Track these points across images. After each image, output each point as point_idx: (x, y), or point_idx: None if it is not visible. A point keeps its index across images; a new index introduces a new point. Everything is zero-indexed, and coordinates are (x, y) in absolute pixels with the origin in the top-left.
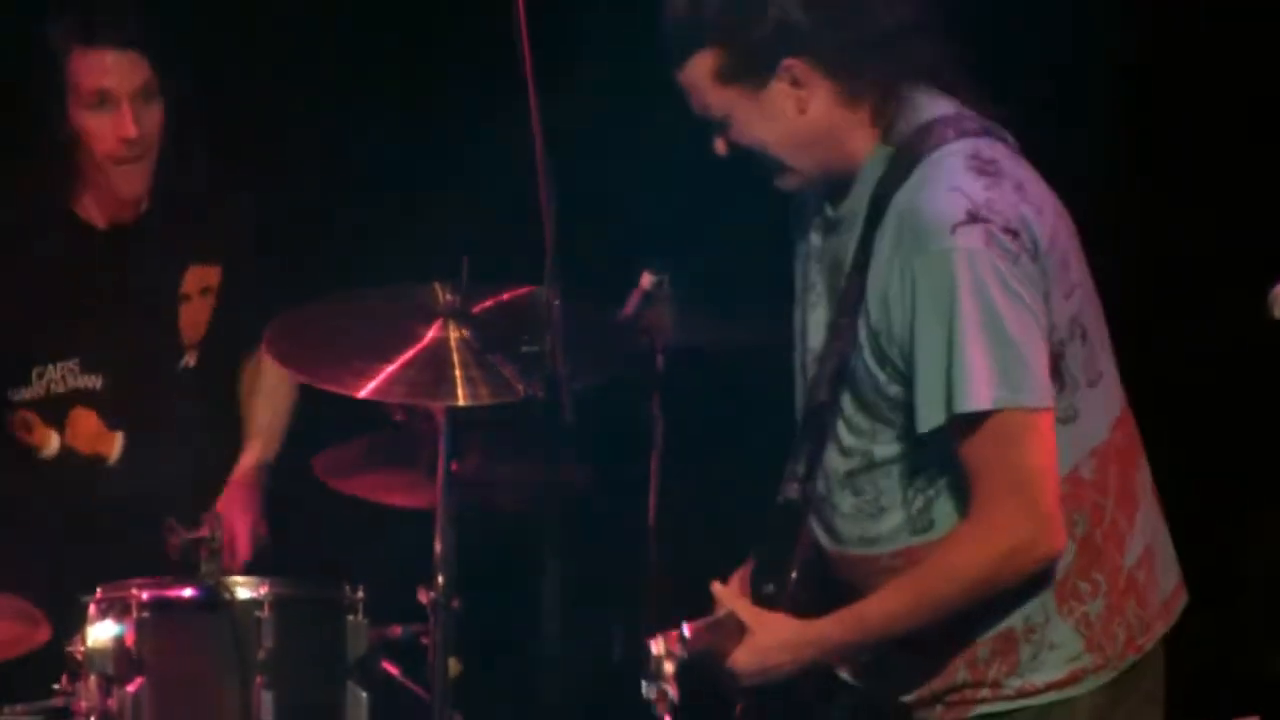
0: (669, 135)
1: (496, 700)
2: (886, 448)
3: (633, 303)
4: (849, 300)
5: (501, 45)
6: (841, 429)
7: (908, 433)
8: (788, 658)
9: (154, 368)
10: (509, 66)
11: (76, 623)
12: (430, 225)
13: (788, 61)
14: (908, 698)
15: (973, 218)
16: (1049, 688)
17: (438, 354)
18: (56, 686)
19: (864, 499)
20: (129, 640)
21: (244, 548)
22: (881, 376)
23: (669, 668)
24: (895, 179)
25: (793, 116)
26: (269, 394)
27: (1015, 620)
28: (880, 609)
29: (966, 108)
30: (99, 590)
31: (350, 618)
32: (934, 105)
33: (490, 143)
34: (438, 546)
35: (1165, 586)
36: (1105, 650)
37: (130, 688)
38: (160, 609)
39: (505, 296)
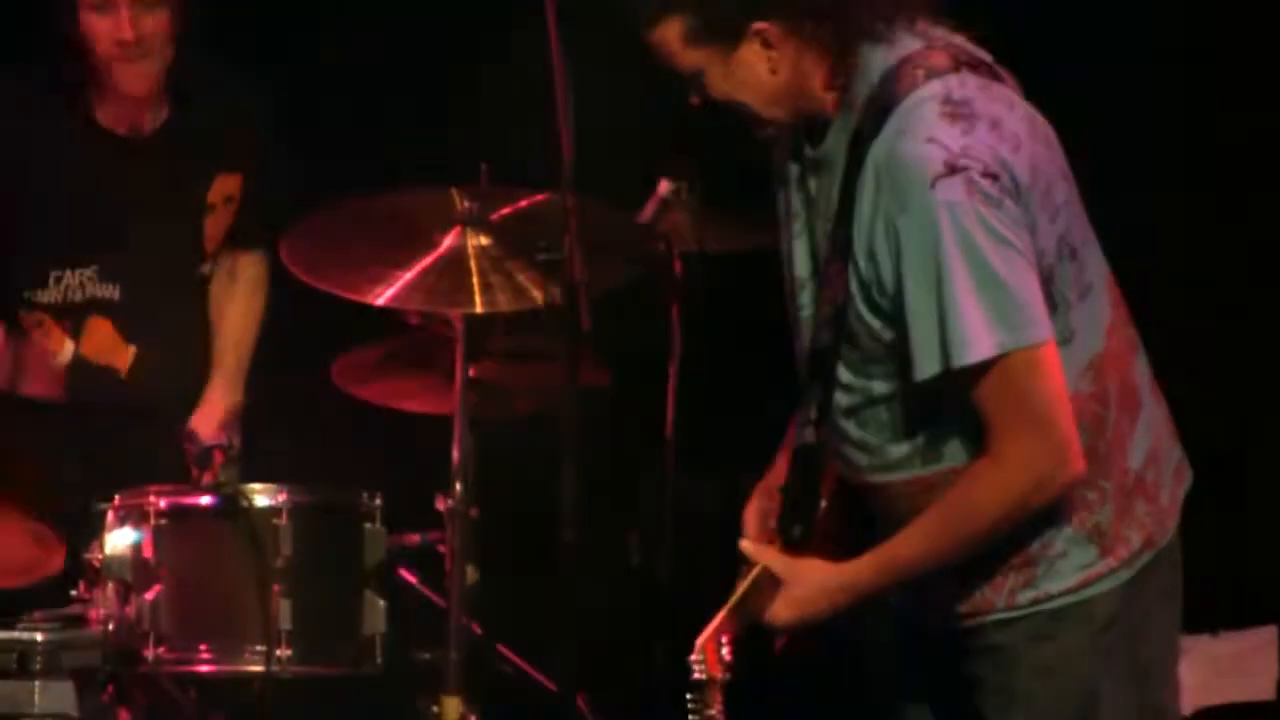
0: None
1: (513, 608)
2: (883, 384)
3: (650, 208)
4: (837, 248)
5: None
6: (841, 368)
7: (904, 372)
8: (825, 604)
9: (173, 278)
10: None
11: (93, 530)
12: (448, 129)
13: (758, 25)
14: (933, 617)
15: (951, 168)
16: (1062, 594)
17: (455, 261)
18: (74, 594)
19: (869, 431)
20: (147, 548)
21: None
22: (876, 323)
23: (715, 693)
24: (870, 128)
25: (765, 77)
26: (236, 322)
27: (1030, 544)
28: (909, 549)
29: (938, 35)
30: (117, 497)
31: (368, 525)
32: (900, 45)
33: (508, 45)
34: (455, 454)
35: (1170, 474)
36: (1119, 553)
37: (148, 595)
38: (178, 516)
39: (523, 204)
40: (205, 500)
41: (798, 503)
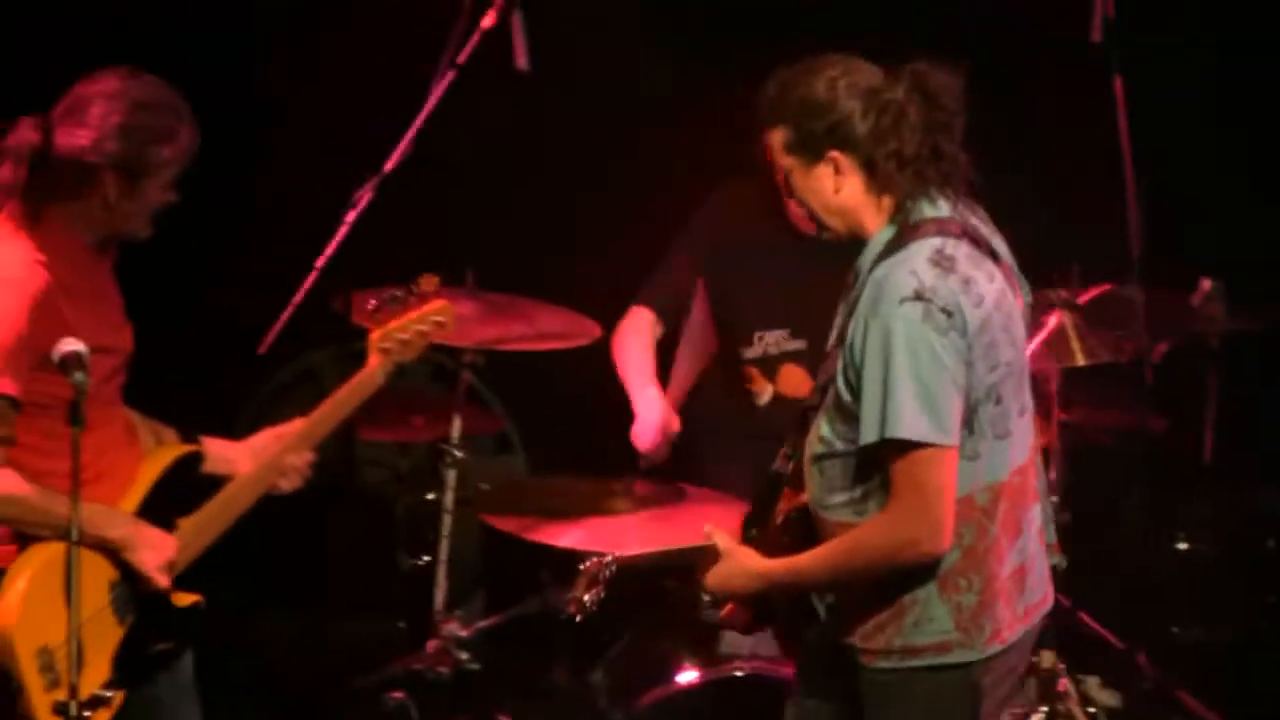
0: None
1: (1098, 585)
2: (844, 444)
3: (1198, 298)
4: (840, 335)
5: None
6: (820, 424)
7: (856, 438)
8: (742, 583)
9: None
10: None
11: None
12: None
13: (834, 153)
14: (839, 639)
15: (918, 296)
16: (925, 650)
17: (1058, 333)
18: None
19: (825, 478)
20: None
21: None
22: (848, 396)
23: (584, 582)
24: (886, 255)
25: (829, 193)
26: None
27: (905, 596)
28: (810, 563)
29: (964, 210)
30: None
31: None
32: (934, 207)
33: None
34: (1052, 474)
35: (1030, 599)
36: (971, 634)
37: None
38: None
39: (1107, 288)
40: None
41: (759, 512)
